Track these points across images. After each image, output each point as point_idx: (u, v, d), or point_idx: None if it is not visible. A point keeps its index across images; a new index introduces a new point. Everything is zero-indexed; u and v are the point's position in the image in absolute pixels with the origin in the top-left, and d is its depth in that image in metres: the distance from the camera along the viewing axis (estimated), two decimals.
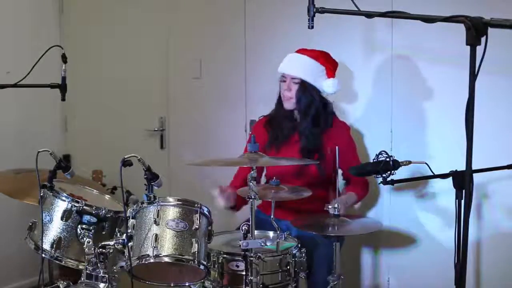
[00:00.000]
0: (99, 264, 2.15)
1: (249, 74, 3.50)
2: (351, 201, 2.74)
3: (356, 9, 1.79)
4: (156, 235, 2.01)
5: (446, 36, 2.46)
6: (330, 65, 2.76)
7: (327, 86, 2.73)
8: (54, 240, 2.20)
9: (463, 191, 2.12)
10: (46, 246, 2.21)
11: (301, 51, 2.77)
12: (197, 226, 2.06)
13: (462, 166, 1.67)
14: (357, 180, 2.80)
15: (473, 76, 1.57)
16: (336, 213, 2.40)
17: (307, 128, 2.76)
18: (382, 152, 2.34)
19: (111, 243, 2.12)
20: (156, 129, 3.89)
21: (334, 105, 2.87)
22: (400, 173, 2.38)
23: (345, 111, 3.14)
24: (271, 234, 2.50)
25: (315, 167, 2.72)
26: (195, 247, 2.01)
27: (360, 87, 3.14)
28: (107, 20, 4.02)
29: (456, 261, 2.10)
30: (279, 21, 3.34)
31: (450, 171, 2.21)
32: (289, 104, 2.77)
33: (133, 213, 2.11)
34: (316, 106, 2.74)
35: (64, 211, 2.22)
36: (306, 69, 2.71)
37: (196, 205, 2.12)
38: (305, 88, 2.71)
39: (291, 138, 2.81)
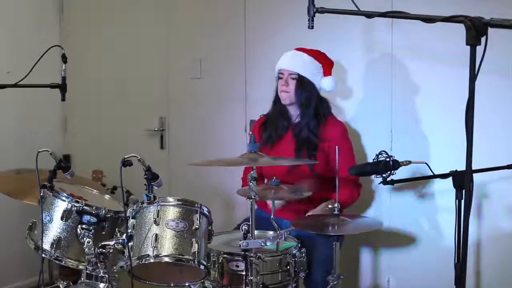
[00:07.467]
0: (99, 264, 2.15)
1: (249, 74, 3.50)
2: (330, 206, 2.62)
3: (356, 9, 1.79)
4: (156, 235, 2.02)
5: (446, 36, 2.46)
6: (327, 63, 2.80)
7: (324, 84, 2.77)
8: (54, 240, 2.20)
9: (463, 191, 2.12)
10: (46, 246, 2.20)
11: (299, 49, 2.80)
12: (197, 226, 2.06)
13: (462, 166, 1.67)
14: (347, 185, 2.72)
15: (473, 76, 1.57)
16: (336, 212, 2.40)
17: (303, 124, 2.77)
18: (382, 152, 2.34)
19: (111, 243, 2.11)
20: (156, 129, 3.89)
21: (332, 104, 2.87)
22: (400, 173, 2.38)
23: (344, 111, 3.13)
24: (271, 234, 2.50)
25: (307, 165, 2.73)
26: (195, 247, 2.01)
27: (360, 87, 3.14)
28: (107, 20, 4.02)
29: (456, 261, 2.10)
30: (279, 21, 3.34)
31: (450, 171, 2.21)
32: (286, 99, 2.78)
33: (133, 213, 2.11)
34: (314, 101, 2.77)
35: (64, 211, 2.21)
36: (304, 65, 2.75)
37: (196, 205, 2.12)
38: (303, 83, 2.74)
39: (284, 136, 2.82)
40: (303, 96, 2.75)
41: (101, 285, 2.17)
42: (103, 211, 2.24)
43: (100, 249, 2.13)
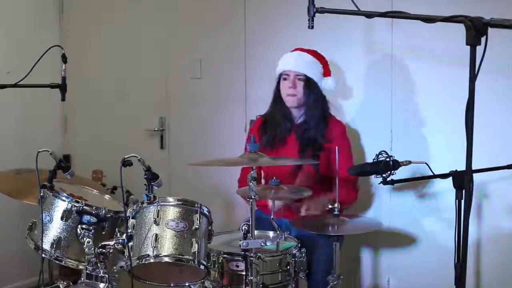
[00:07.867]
0: (99, 264, 2.15)
1: (249, 74, 3.50)
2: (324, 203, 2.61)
3: (356, 9, 1.79)
4: (156, 235, 2.01)
5: (446, 36, 2.46)
6: (326, 63, 2.81)
7: (327, 84, 2.77)
8: (54, 240, 2.20)
9: (463, 191, 2.12)
10: (46, 246, 2.20)
11: (298, 49, 2.80)
12: (197, 226, 2.06)
13: (462, 166, 1.67)
14: (346, 185, 2.70)
15: (473, 76, 1.57)
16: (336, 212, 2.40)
17: (308, 125, 2.76)
18: (382, 152, 2.34)
19: (111, 243, 2.11)
20: (156, 129, 3.89)
21: (331, 104, 2.87)
22: (400, 173, 2.38)
23: (344, 110, 3.14)
24: (271, 234, 2.50)
25: (311, 165, 2.72)
26: (195, 247, 2.01)
27: (360, 87, 3.15)
28: (107, 20, 4.02)
29: (456, 261, 2.10)
30: (279, 21, 3.34)
31: (450, 171, 2.21)
32: (292, 102, 2.77)
33: (133, 213, 2.11)
34: (320, 102, 2.77)
35: (64, 211, 2.21)
36: (309, 66, 2.74)
37: (196, 205, 2.12)
38: (311, 85, 2.73)
39: (288, 138, 2.81)
40: (311, 98, 2.74)
41: (101, 285, 2.17)
42: (103, 211, 2.24)
43: (100, 249, 2.12)
